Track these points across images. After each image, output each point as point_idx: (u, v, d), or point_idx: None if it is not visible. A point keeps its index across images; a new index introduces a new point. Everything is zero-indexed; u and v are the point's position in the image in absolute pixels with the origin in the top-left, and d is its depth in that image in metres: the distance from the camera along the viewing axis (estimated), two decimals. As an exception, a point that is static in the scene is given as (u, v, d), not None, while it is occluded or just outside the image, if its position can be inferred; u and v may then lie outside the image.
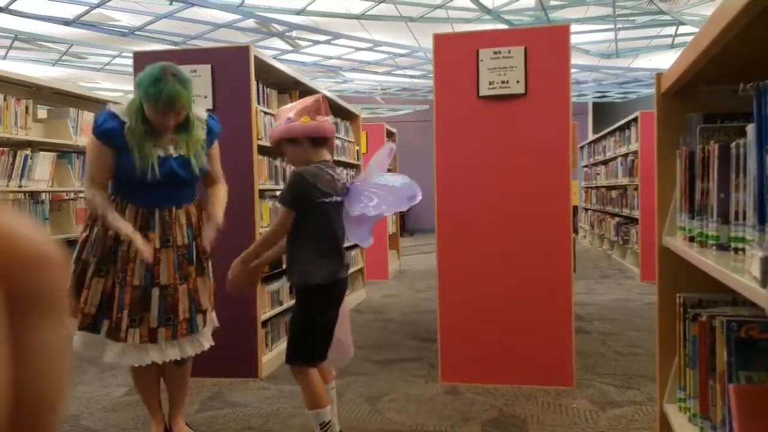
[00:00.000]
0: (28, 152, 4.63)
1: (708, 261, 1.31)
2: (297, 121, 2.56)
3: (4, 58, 10.43)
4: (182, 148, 2.70)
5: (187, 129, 2.71)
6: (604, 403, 3.41)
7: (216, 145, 2.91)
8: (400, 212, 12.08)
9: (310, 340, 2.57)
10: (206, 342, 2.86)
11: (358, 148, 6.87)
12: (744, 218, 1.26)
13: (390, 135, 8.62)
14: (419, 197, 2.65)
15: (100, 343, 2.70)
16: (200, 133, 2.76)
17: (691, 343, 1.65)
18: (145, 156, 2.61)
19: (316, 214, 2.52)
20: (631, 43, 10.63)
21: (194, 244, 2.77)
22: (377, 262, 7.82)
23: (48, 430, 0.30)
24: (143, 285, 2.65)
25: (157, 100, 2.55)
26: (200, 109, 2.91)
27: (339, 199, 2.58)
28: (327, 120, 2.63)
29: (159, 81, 2.56)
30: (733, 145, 1.33)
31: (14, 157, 4.47)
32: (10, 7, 7.61)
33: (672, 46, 10.49)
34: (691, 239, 1.60)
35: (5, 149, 4.43)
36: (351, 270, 6.34)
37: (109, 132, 2.64)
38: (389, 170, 2.85)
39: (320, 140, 2.61)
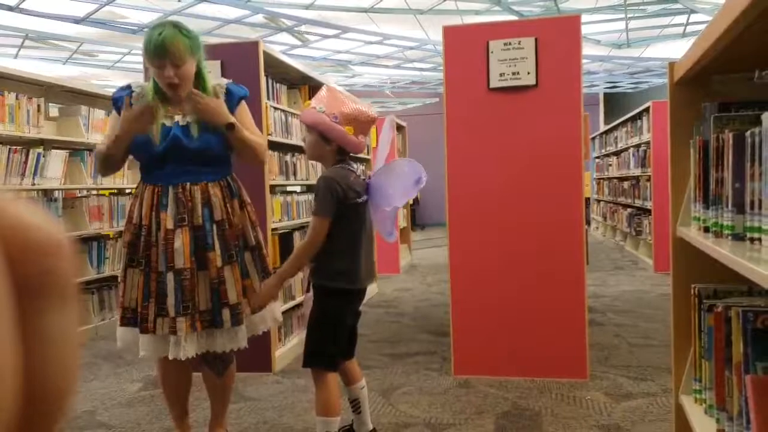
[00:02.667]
0: (41, 150, 4.67)
1: (723, 251, 1.30)
2: (342, 125, 2.45)
3: (16, 57, 10.49)
4: (191, 115, 2.49)
5: (201, 91, 2.49)
6: (619, 395, 3.40)
7: (242, 108, 2.62)
8: (411, 206, 12.09)
9: (329, 343, 2.49)
10: (234, 343, 2.51)
11: (367, 141, 6.86)
12: (760, 207, 1.25)
13: (400, 129, 8.61)
14: (425, 179, 2.51)
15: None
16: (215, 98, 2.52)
17: (706, 333, 1.64)
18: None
19: (347, 215, 2.44)
20: (643, 32, 10.55)
21: (215, 229, 2.47)
22: (388, 256, 7.83)
23: (58, 417, 0.30)
24: (163, 270, 2.43)
25: (148, 47, 2.37)
26: (221, 79, 2.70)
27: (365, 198, 2.50)
28: (365, 141, 2.57)
29: (154, 29, 2.41)
30: (748, 133, 1.32)
31: (27, 155, 4.50)
32: (21, 6, 7.65)
33: (684, 35, 10.40)
34: (706, 229, 1.59)
35: (18, 148, 4.46)
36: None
37: (117, 99, 2.54)
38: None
39: (346, 153, 2.55)
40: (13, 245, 0.27)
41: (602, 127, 13.60)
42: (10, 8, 7.67)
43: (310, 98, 4.91)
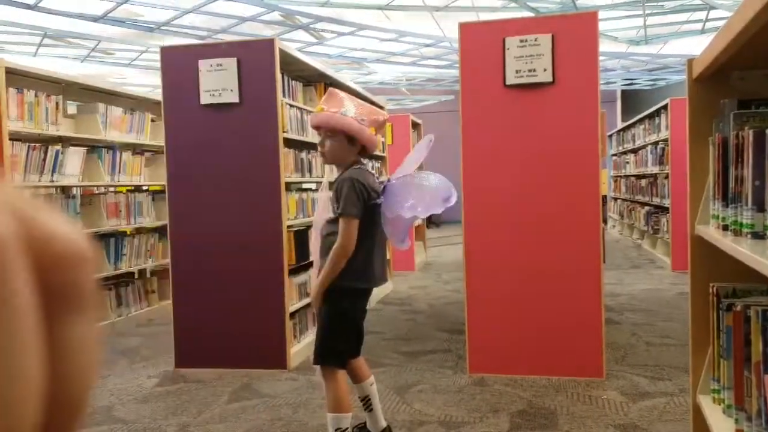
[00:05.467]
0: (59, 147, 4.71)
1: (743, 249, 1.28)
2: (367, 128, 2.49)
3: (35, 55, 10.59)
4: None
5: None
6: (635, 395, 3.37)
7: None
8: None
9: (339, 341, 2.53)
10: None
11: (383, 139, 6.86)
12: (780, 206, 1.23)
13: (415, 126, 8.60)
14: (454, 199, 2.50)
15: None
16: None
17: (725, 333, 1.62)
18: None
19: (364, 216, 2.46)
20: (661, 29, 10.45)
21: None
22: (404, 253, 7.81)
23: (76, 422, 0.31)
24: None
25: None
26: None
27: (381, 200, 2.51)
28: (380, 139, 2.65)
29: None
30: (768, 130, 1.30)
31: (45, 152, 4.54)
32: (40, 5, 7.72)
33: (702, 32, 10.28)
34: (725, 228, 1.57)
35: (37, 145, 4.51)
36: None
37: None
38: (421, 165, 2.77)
39: (365, 153, 2.60)
40: (39, 255, 0.28)
41: (619, 125, 13.50)
42: (29, 7, 7.74)
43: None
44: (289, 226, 4.14)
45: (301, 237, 4.33)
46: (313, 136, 4.58)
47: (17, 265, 0.25)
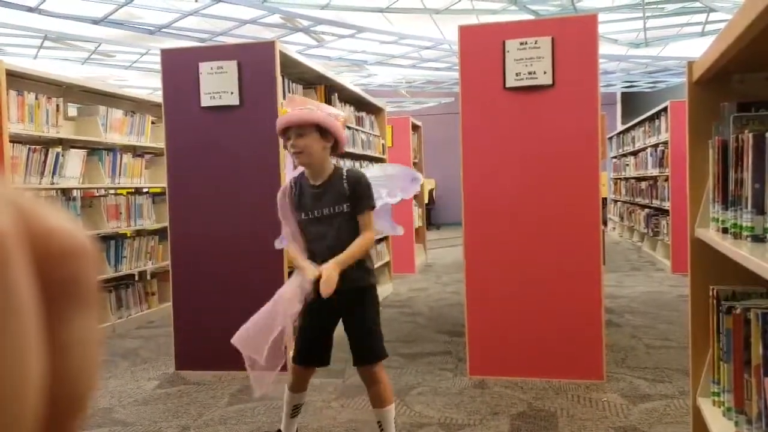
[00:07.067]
0: (60, 150, 4.71)
1: (742, 252, 1.28)
2: (336, 121, 2.56)
3: (35, 57, 10.60)
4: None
5: None
6: (635, 397, 3.37)
7: None
8: (427, 205, 12.10)
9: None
10: None
11: (383, 141, 6.87)
12: (780, 208, 1.23)
13: (415, 128, 8.60)
14: (421, 178, 2.73)
15: None
16: None
17: (725, 336, 1.62)
18: None
19: None
20: (661, 31, 10.46)
21: None
22: (404, 255, 7.82)
23: (78, 418, 0.31)
24: None
25: None
26: None
27: None
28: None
29: None
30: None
31: (46, 154, 4.55)
32: (40, 7, 7.73)
33: (702, 34, 10.29)
34: (725, 230, 1.57)
35: (37, 147, 4.51)
36: (378, 264, 6.35)
37: None
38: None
39: (337, 150, 2.65)
40: (39, 251, 0.28)
41: (619, 127, 13.51)
42: (29, 9, 7.75)
43: (327, 99, 4.92)
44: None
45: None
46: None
47: (18, 259, 0.25)
